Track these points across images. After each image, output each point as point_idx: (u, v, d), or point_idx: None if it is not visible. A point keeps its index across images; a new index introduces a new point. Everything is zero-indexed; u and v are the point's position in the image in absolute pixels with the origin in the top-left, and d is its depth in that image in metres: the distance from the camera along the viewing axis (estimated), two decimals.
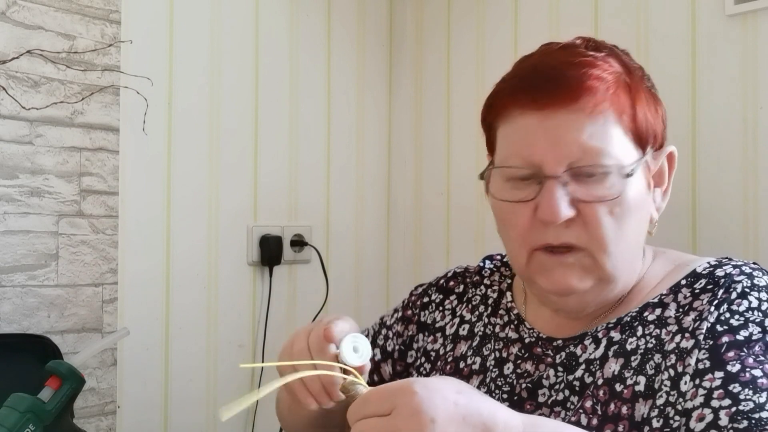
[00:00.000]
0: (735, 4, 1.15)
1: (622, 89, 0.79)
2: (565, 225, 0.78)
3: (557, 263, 0.80)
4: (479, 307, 0.98)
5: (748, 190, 1.15)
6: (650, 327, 0.81)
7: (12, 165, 1.21)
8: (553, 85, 0.78)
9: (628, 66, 0.82)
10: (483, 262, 1.05)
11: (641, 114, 0.80)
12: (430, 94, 1.67)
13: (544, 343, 0.88)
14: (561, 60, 0.80)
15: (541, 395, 0.85)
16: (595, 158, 0.77)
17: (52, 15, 1.25)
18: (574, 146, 0.77)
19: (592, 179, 0.78)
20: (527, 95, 0.80)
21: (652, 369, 0.78)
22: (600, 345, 0.83)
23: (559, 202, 0.77)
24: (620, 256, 0.80)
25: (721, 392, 0.71)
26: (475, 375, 0.92)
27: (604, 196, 0.77)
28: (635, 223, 0.81)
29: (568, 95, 0.77)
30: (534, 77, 0.81)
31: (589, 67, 0.78)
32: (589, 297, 0.83)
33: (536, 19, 1.45)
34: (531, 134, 0.79)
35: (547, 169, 0.78)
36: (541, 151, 0.78)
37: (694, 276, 0.83)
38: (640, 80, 0.83)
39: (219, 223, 1.46)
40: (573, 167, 0.77)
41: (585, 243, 0.78)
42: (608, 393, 0.79)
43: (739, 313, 0.76)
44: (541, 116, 0.78)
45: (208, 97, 1.44)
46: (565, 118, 0.77)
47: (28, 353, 1.15)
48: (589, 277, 0.80)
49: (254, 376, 1.50)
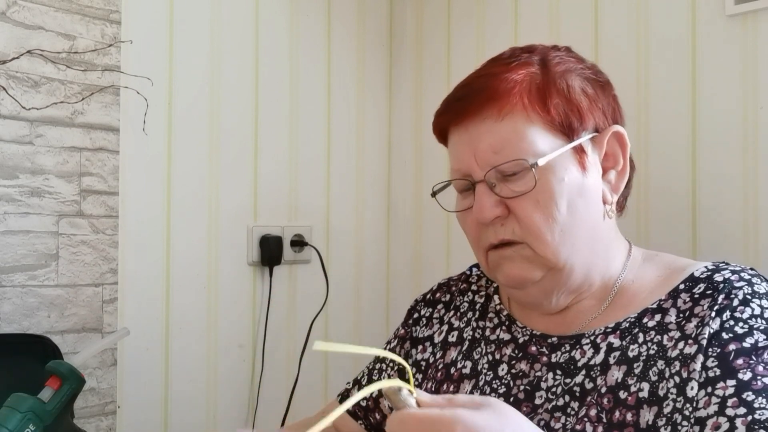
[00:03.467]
0: (735, 4, 1.15)
1: (529, 88, 0.85)
2: (500, 223, 0.85)
3: (501, 258, 0.87)
4: (467, 313, 0.99)
5: (748, 191, 1.15)
6: (651, 333, 0.81)
7: (12, 165, 1.21)
8: (466, 100, 0.87)
9: (546, 63, 0.87)
10: (470, 269, 1.07)
11: (555, 105, 0.84)
12: (430, 94, 1.67)
13: (539, 341, 0.89)
14: (475, 75, 0.90)
15: (538, 397, 0.85)
16: (508, 156, 0.83)
17: (52, 15, 1.25)
18: (489, 150, 0.84)
19: (514, 177, 0.84)
20: (451, 113, 0.89)
21: (655, 375, 0.78)
22: (600, 351, 0.83)
23: (484, 204, 0.84)
24: (562, 242, 0.83)
25: (735, 401, 0.72)
26: (467, 379, 0.92)
27: (522, 190, 0.83)
28: (573, 208, 0.83)
29: (478, 106, 0.85)
30: (454, 95, 0.90)
31: (498, 75, 0.86)
32: (547, 287, 0.86)
33: (536, 19, 1.45)
34: (459, 147, 0.88)
35: (474, 176, 0.86)
36: (467, 161, 0.86)
37: (692, 280, 0.83)
38: (561, 74, 0.86)
39: (219, 223, 1.46)
40: (493, 168, 0.84)
41: (521, 236, 0.84)
42: (612, 400, 0.79)
43: (743, 321, 0.77)
44: (462, 129, 0.88)
45: (208, 97, 1.44)
46: (478, 127, 0.85)
47: (28, 353, 1.15)
48: (534, 267, 0.85)
49: (254, 376, 1.50)
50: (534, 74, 0.86)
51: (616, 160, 0.88)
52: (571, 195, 0.83)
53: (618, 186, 0.89)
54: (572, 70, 0.88)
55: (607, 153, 0.87)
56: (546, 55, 0.89)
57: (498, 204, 0.84)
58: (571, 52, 0.92)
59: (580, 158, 0.85)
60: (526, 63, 0.87)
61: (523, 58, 0.88)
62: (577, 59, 0.90)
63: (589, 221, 0.85)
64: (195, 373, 1.42)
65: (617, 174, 0.89)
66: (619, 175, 0.89)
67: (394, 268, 1.75)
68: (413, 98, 1.71)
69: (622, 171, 0.89)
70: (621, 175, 0.89)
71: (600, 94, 0.88)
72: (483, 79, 0.87)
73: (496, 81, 0.85)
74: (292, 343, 1.56)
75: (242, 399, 1.49)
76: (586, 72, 0.89)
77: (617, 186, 0.89)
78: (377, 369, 1.06)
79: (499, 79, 0.85)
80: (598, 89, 0.88)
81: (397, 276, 1.74)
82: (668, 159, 1.23)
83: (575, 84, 0.86)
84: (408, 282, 1.71)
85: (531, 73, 0.86)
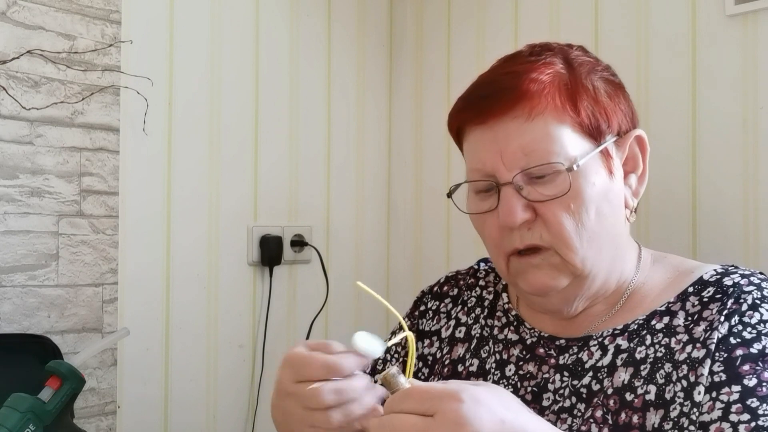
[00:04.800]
0: (735, 4, 1.15)
1: (559, 88, 0.82)
2: (527, 228, 0.82)
3: (528, 265, 0.83)
4: (475, 309, 0.98)
5: (748, 191, 1.15)
6: (659, 336, 0.81)
7: (12, 165, 1.21)
8: (492, 98, 0.83)
9: (571, 63, 0.85)
10: (477, 264, 1.05)
11: (585, 107, 0.82)
12: (430, 94, 1.67)
13: (547, 343, 0.88)
14: (499, 72, 0.86)
15: (545, 399, 0.85)
16: (540, 159, 0.80)
17: (53, 15, 1.25)
18: (519, 151, 0.81)
19: (543, 180, 0.81)
20: (472, 111, 0.85)
21: (662, 378, 0.77)
22: (607, 352, 0.83)
23: (513, 207, 0.80)
24: (590, 249, 0.81)
25: (740, 407, 0.71)
26: (473, 377, 0.92)
27: (554, 194, 0.80)
28: (601, 214, 0.82)
29: (506, 105, 0.81)
30: (476, 93, 0.86)
31: (525, 73, 0.82)
32: (569, 294, 0.85)
33: (536, 20, 1.45)
34: (481, 147, 0.84)
35: (500, 178, 0.82)
36: (492, 161, 0.82)
37: (701, 283, 0.82)
38: (586, 74, 0.84)
39: (219, 223, 1.46)
40: (522, 171, 0.81)
41: (549, 242, 0.81)
42: (618, 402, 0.79)
43: (752, 326, 0.76)
44: (486, 128, 0.83)
45: (208, 97, 1.44)
46: (506, 126, 0.81)
47: (29, 353, 1.15)
48: (562, 274, 0.82)
49: (254, 376, 1.50)
50: (561, 74, 0.83)
51: (637, 163, 0.87)
52: (600, 200, 0.81)
53: (638, 190, 0.87)
54: (594, 71, 0.86)
55: (628, 157, 0.86)
56: (567, 54, 0.86)
57: (526, 208, 0.81)
58: (587, 51, 0.90)
59: (607, 162, 0.83)
60: (551, 62, 0.84)
61: (546, 56, 0.85)
62: (595, 60, 0.88)
63: (614, 227, 0.84)
64: (195, 373, 1.42)
65: (638, 178, 0.87)
66: (640, 179, 0.87)
67: (394, 268, 1.75)
68: (413, 98, 1.71)
69: (642, 175, 0.87)
70: (641, 180, 0.87)
71: (620, 95, 0.87)
72: (509, 77, 0.83)
73: (524, 80, 0.82)
74: (292, 343, 1.56)
75: (242, 399, 1.49)
76: (604, 73, 0.87)
77: (638, 190, 0.87)
78: (380, 359, 1.05)
79: (527, 78, 0.82)
80: (618, 91, 0.87)
81: (397, 276, 1.74)
82: (668, 159, 1.23)
83: (599, 85, 0.85)
84: (408, 282, 1.71)
85: (559, 73, 0.83)
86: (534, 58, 0.85)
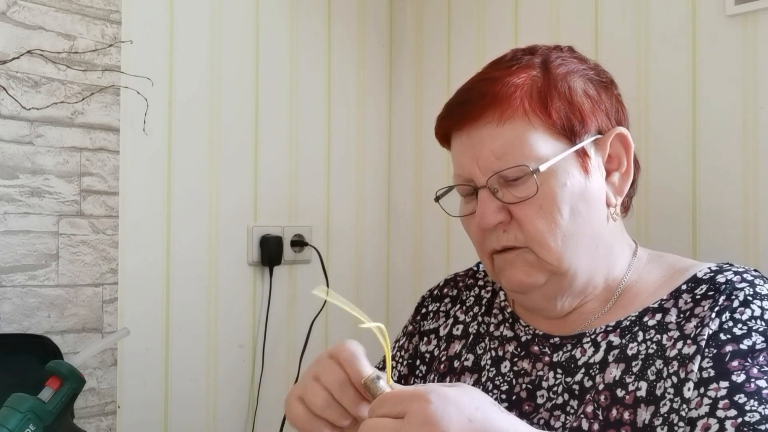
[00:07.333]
0: (735, 4, 1.15)
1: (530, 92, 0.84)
2: (503, 229, 0.85)
3: (505, 262, 0.86)
4: (473, 307, 1.00)
5: (748, 191, 1.15)
6: (651, 332, 0.81)
7: (12, 165, 1.21)
8: (468, 104, 0.86)
9: (548, 66, 0.86)
10: (477, 266, 1.07)
11: (557, 109, 0.83)
12: (430, 95, 1.67)
13: (541, 340, 0.89)
14: (477, 78, 0.89)
15: (539, 396, 0.85)
16: (509, 162, 0.83)
17: (53, 15, 1.25)
18: (491, 156, 0.84)
19: (516, 182, 0.83)
20: (452, 118, 0.89)
21: (653, 375, 0.78)
22: (599, 349, 0.83)
23: (485, 210, 0.84)
24: (565, 247, 0.83)
25: (727, 402, 0.72)
26: (468, 372, 0.93)
27: (525, 196, 0.82)
28: (576, 213, 0.83)
29: (479, 111, 0.85)
30: (456, 99, 0.89)
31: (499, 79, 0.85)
32: (549, 292, 0.86)
33: (536, 20, 1.45)
34: (461, 152, 0.88)
35: (477, 182, 0.86)
36: (469, 166, 0.86)
37: (694, 281, 0.83)
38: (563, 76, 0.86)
39: (219, 223, 1.46)
40: (495, 174, 0.83)
41: (523, 242, 0.84)
42: (609, 398, 0.79)
43: (742, 322, 0.77)
44: (464, 134, 0.87)
45: (208, 97, 1.44)
46: (480, 132, 0.85)
47: (29, 353, 1.15)
48: (538, 272, 0.85)
49: (254, 376, 1.50)
50: (535, 77, 0.85)
51: (620, 161, 0.88)
52: (574, 199, 0.83)
53: (622, 188, 0.88)
54: (574, 72, 0.87)
55: (610, 155, 0.87)
56: (548, 57, 0.88)
57: (500, 210, 0.84)
58: (574, 52, 0.92)
59: (583, 162, 0.84)
60: (528, 66, 0.86)
61: (524, 60, 0.87)
62: (580, 59, 0.90)
63: (592, 225, 0.85)
64: (195, 373, 1.42)
65: (621, 176, 0.88)
66: (623, 177, 0.88)
67: (394, 268, 1.75)
68: (413, 98, 1.71)
69: (625, 173, 0.88)
70: (625, 177, 0.88)
71: (603, 95, 0.88)
72: (484, 84, 0.86)
73: (497, 85, 0.84)
74: (292, 343, 1.56)
75: (242, 399, 1.49)
76: (588, 73, 0.88)
77: (621, 188, 0.88)
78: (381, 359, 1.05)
79: (500, 84, 0.84)
80: (600, 90, 0.88)
81: (397, 276, 1.74)
82: (668, 159, 1.23)
83: (577, 86, 0.86)
84: (408, 282, 1.71)
85: (532, 77, 0.85)
86: (512, 63, 0.87)
